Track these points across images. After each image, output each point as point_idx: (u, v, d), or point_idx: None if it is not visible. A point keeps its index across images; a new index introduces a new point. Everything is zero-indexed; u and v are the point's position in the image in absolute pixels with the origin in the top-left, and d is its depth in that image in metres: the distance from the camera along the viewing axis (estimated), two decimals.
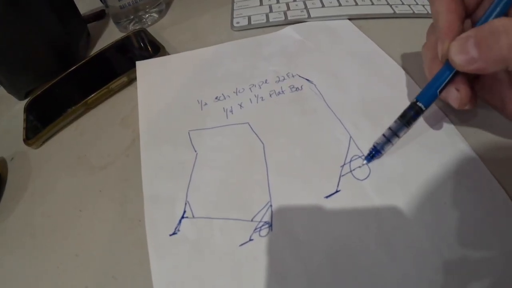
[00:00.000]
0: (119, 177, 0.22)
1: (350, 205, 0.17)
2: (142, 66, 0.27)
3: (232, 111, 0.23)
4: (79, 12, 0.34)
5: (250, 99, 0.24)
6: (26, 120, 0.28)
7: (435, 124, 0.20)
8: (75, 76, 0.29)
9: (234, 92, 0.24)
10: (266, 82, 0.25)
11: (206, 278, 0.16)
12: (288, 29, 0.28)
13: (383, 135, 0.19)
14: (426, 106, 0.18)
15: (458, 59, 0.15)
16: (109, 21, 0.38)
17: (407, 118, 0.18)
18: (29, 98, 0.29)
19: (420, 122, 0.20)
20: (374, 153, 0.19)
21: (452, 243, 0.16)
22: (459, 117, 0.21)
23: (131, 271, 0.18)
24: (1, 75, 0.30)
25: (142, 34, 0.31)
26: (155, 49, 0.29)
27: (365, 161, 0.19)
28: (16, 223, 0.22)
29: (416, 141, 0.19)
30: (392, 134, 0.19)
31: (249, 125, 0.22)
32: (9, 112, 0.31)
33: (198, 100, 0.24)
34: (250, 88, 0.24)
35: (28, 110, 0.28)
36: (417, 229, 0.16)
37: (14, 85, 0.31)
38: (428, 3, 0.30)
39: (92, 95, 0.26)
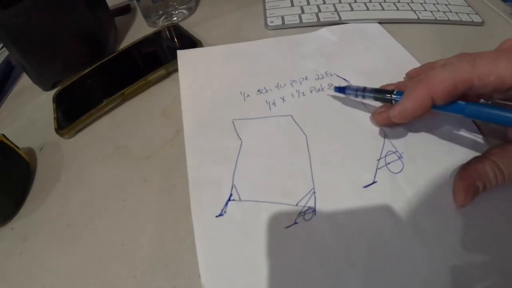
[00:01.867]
0: (166, 167, 0.22)
1: (386, 195, 0.19)
2: (184, 55, 0.28)
3: (274, 103, 0.24)
4: (107, 5, 0.34)
5: (291, 94, 0.25)
6: (56, 110, 0.27)
7: (466, 132, 0.21)
8: (107, 68, 0.29)
9: (275, 86, 0.25)
10: (306, 79, 0.25)
11: (252, 258, 0.17)
12: (324, 30, 0.30)
13: (358, 86, 0.22)
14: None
15: None
16: (135, 16, 0.38)
17: (378, 95, 0.21)
18: (58, 88, 0.29)
19: (454, 130, 0.21)
20: (343, 90, 0.23)
21: (475, 238, 0.17)
22: (488, 130, 0.21)
23: (184, 259, 0.18)
24: (28, 64, 0.29)
25: (176, 29, 0.31)
26: (192, 44, 0.29)
27: (334, 90, 0.23)
28: (49, 213, 0.22)
29: (447, 146, 0.21)
30: (362, 92, 0.21)
31: (292, 117, 0.23)
32: (34, 103, 0.31)
33: (240, 92, 0.25)
34: (291, 84, 0.25)
35: (57, 100, 0.28)
36: (446, 219, 0.17)
37: (41, 75, 0.30)
38: (449, 10, 0.32)
39: (130, 86, 0.26)
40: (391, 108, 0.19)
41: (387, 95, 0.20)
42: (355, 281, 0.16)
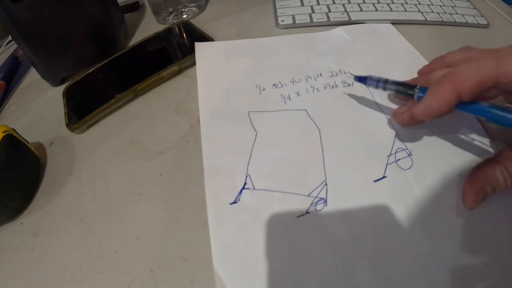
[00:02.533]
0: (182, 162, 0.22)
1: (395, 190, 0.19)
2: (201, 47, 0.28)
3: (289, 98, 0.24)
4: (117, 1, 0.34)
5: (306, 89, 0.25)
6: (67, 105, 0.27)
7: (473, 134, 0.21)
8: (118, 63, 0.29)
9: (290, 81, 0.25)
10: (320, 76, 0.26)
11: (264, 244, 0.17)
12: (339, 29, 0.30)
13: (380, 76, 0.21)
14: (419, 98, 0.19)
15: None
16: (144, 13, 0.38)
17: (401, 88, 0.20)
18: (68, 83, 0.29)
19: (462, 131, 0.22)
20: (364, 80, 0.22)
21: (479, 237, 0.17)
22: (495, 133, 0.21)
23: (200, 253, 0.18)
24: (38, 59, 0.29)
25: (187, 27, 0.31)
26: (204, 41, 0.29)
27: (355, 79, 0.22)
28: (60, 208, 0.21)
29: (455, 146, 0.21)
30: (383, 84, 0.21)
31: (306, 112, 0.23)
32: (42, 98, 0.30)
33: (256, 85, 0.25)
34: (306, 79, 0.25)
35: (67, 95, 0.28)
36: (452, 217, 0.18)
37: (51, 70, 0.30)
38: (455, 12, 0.32)
39: (143, 81, 0.26)
40: (414, 105, 0.18)
41: (410, 90, 0.19)
42: (363, 271, 0.16)
